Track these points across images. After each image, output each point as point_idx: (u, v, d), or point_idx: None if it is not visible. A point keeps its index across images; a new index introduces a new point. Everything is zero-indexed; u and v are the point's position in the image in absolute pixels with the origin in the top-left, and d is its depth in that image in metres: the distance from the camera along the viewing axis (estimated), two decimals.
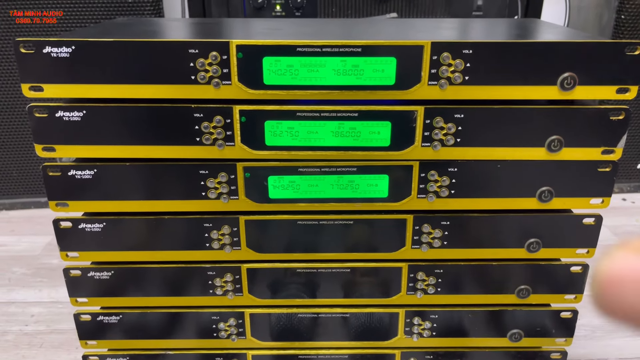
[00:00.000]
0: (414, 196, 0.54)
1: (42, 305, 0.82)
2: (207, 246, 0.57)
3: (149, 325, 0.61)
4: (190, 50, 0.48)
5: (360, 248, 0.57)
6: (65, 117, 0.51)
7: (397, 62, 0.49)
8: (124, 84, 0.49)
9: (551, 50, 0.48)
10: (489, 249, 0.57)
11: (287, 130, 0.52)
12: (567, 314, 0.60)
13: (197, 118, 0.51)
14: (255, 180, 0.54)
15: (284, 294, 0.60)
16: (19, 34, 0.93)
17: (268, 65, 0.49)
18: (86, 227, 0.56)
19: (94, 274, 0.58)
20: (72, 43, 0.48)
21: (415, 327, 0.61)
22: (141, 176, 0.54)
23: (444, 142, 0.52)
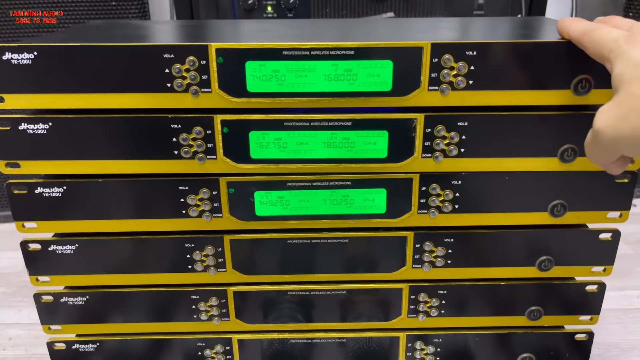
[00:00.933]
0: (415, 212, 0.50)
1: (21, 327, 0.77)
2: (190, 268, 0.52)
3: (129, 353, 0.56)
4: (165, 55, 0.44)
5: (356, 268, 0.53)
6: (29, 130, 0.46)
7: (393, 66, 0.44)
8: (93, 92, 0.45)
9: (564, 51, 0.44)
10: (497, 268, 0.53)
11: (274, 141, 0.47)
12: (582, 336, 0.56)
13: (175, 129, 0.46)
14: (240, 196, 0.49)
15: (275, 318, 0.55)
16: (19, 34, 0.90)
17: (251, 71, 0.44)
18: (57, 249, 0.51)
19: (68, 299, 0.53)
20: (34, 48, 0.43)
21: (417, 352, 0.56)
22: (116, 193, 0.49)
23: (447, 152, 0.47)
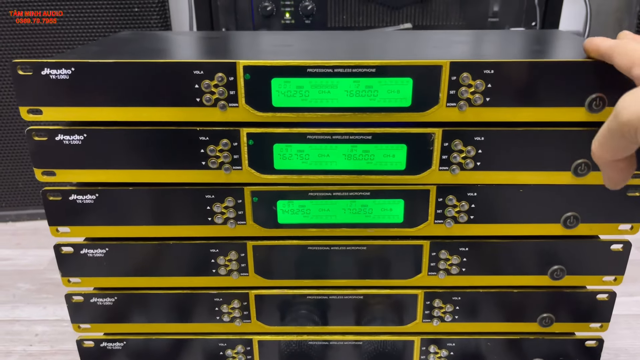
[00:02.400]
0: (431, 222, 0.52)
1: (47, 323, 0.80)
2: (214, 272, 0.54)
3: (154, 352, 0.59)
4: (195, 71, 0.46)
5: (373, 274, 0.55)
6: (65, 141, 0.49)
7: (413, 83, 0.46)
8: (125, 106, 0.47)
9: (579, 70, 0.45)
10: (510, 276, 0.54)
11: (296, 153, 0.49)
12: (592, 343, 0.57)
13: (203, 141, 0.49)
14: (264, 204, 0.51)
15: (294, 320, 0.57)
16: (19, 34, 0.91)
17: (277, 87, 0.46)
18: (88, 253, 0.54)
19: (97, 299, 0.56)
20: (71, 65, 0.46)
21: (431, 356, 0.58)
22: (145, 201, 0.51)
23: (463, 165, 0.49)
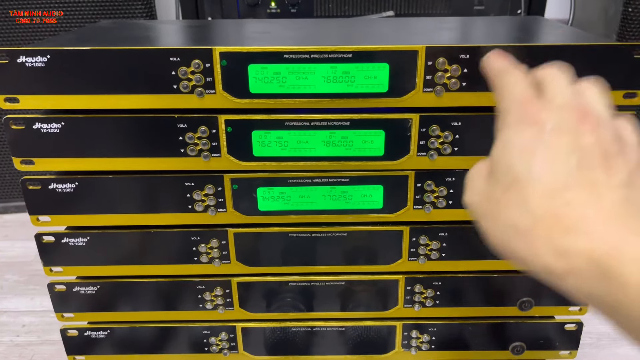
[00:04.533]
0: (410, 207, 0.52)
1: (34, 314, 0.80)
2: (196, 260, 0.55)
3: (138, 340, 0.59)
4: (171, 58, 0.46)
5: (354, 260, 0.55)
6: (43, 129, 0.49)
7: (390, 68, 0.46)
8: (103, 93, 0.47)
9: (553, 54, 0.45)
10: (489, 261, 0.55)
11: (275, 140, 0.49)
12: (572, 326, 0.58)
13: (181, 129, 0.49)
14: (244, 192, 0.51)
15: (277, 307, 0.57)
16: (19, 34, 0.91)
17: (254, 73, 0.47)
18: (69, 242, 0.54)
19: (80, 288, 0.56)
20: (47, 52, 0.46)
21: (413, 341, 0.59)
22: (124, 189, 0.51)
23: (441, 151, 0.49)
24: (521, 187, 0.27)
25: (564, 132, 0.27)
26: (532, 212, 0.26)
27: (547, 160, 0.27)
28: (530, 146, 0.27)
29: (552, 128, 0.27)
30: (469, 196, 0.31)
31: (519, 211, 0.27)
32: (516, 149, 0.28)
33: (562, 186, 0.26)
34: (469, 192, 0.31)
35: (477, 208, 0.30)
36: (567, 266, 0.25)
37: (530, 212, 0.26)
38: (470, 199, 0.31)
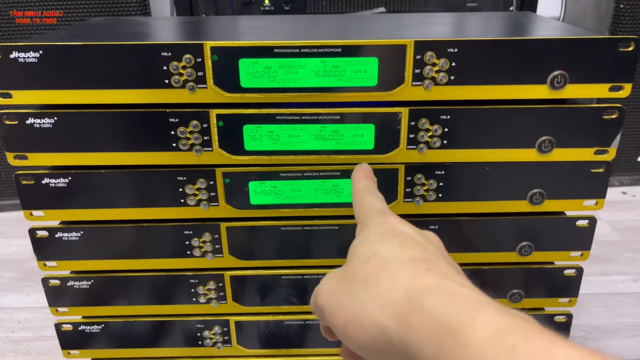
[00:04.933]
0: (401, 200, 0.52)
1: (30, 310, 0.81)
2: (189, 254, 0.55)
3: (132, 334, 0.60)
4: (163, 53, 0.46)
5: (346, 254, 0.55)
6: (36, 124, 0.49)
7: (379, 62, 0.47)
8: (95, 89, 0.48)
9: (540, 48, 0.46)
10: (479, 253, 0.55)
11: (266, 134, 0.50)
12: (562, 318, 0.59)
13: (173, 123, 0.49)
14: (236, 186, 0.52)
15: (270, 301, 0.58)
16: (19, 34, 0.91)
17: (245, 68, 0.47)
18: (63, 236, 0.54)
19: (74, 283, 0.57)
20: (39, 47, 0.46)
21: None
22: (117, 183, 0.52)
23: (430, 144, 0.50)
24: (382, 256, 0.31)
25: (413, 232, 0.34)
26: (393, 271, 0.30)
27: (405, 243, 0.32)
28: (390, 234, 0.33)
29: (404, 229, 0.34)
30: (322, 285, 0.34)
31: (380, 273, 0.30)
32: (377, 234, 0.33)
33: (423, 258, 0.30)
34: (323, 283, 0.34)
35: (329, 289, 0.33)
36: (418, 316, 0.27)
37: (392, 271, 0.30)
38: (323, 285, 0.34)
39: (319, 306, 0.33)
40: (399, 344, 0.27)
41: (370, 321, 0.29)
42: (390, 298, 0.28)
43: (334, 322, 0.32)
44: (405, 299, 0.28)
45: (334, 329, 0.32)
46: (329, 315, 0.32)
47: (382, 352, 0.29)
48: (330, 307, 0.32)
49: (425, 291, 0.28)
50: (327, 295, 0.33)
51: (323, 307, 0.33)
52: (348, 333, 0.30)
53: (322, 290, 0.33)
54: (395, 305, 0.28)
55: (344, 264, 0.34)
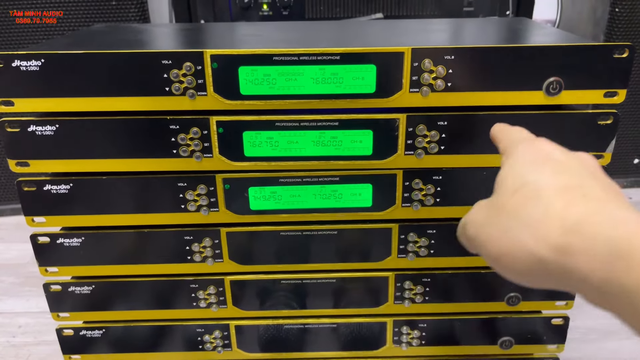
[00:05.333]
0: (399, 205, 0.53)
1: (30, 315, 0.81)
2: (189, 259, 0.56)
3: (133, 339, 0.60)
4: (163, 61, 0.47)
5: (345, 258, 0.56)
6: (37, 132, 0.49)
7: (377, 70, 0.47)
8: (96, 96, 0.48)
9: (536, 55, 0.47)
10: (477, 257, 0.56)
11: (266, 140, 0.50)
12: (559, 321, 0.59)
13: (173, 130, 0.50)
14: (236, 191, 0.52)
15: (269, 305, 0.58)
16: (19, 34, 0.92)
17: (244, 75, 0.48)
18: (64, 242, 0.55)
19: (75, 288, 0.57)
20: (41, 56, 0.47)
21: (404, 336, 0.60)
22: (118, 190, 0.52)
23: (428, 149, 0.50)
24: (532, 186, 0.30)
25: (564, 157, 0.33)
26: (544, 201, 0.29)
27: (557, 170, 0.31)
28: (539, 161, 0.32)
29: (555, 154, 0.33)
30: (469, 216, 0.34)
31: (530, 203, 0.30)
32: (525, 163, 0.32)
33: (576, 184, 0.30)
34: (470, 214, 0.34)
35: (477, 222, 0.33)
36: (581, 244, 0.27)
37: (543, 201, 0.29)
38: (470, 216, 0.34)
39: (468, 237, 0.34)
40: (558, 272, 0.27)
41: (524, 253, 0.29)
42: (545, 229, 0.28)
43: (485, 254, 0.32)
44: (562, 229, 0.27)
45: (486, 258, 0.32)
46: (479, 246, 0.32)
47: (537, 278, 0.29)
48: (480, 239, 0.32)
49: (585, 218, 0.27)
50: (475, 227, 0.33)
51: (472, 238, 0.33)
52: (501, 263, 0.30)
53: (470, 222, 0.34)
54: (551, 236, 0.28)
55: (493, 194, 0.33)
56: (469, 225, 0.34)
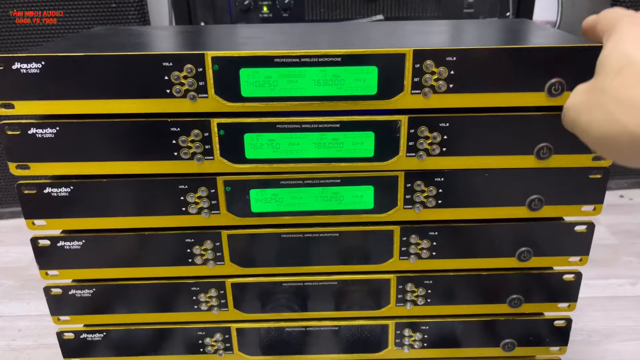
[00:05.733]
0: (400, 207, 0.53)
1: (30, 318, 0.81)
2: (190, 262, 0.55)
3: (134, 342, 0.60)
4: (164, 63, 0.47)
5: (346, 260, 0.56)
6: (38, 134, 0.49)
7: (378, 71, 0.47)
8: (96, 99, 0.48)
9: (538, 56, 0.46)
10: (479, 259, 0.56)
11: (267, 142, 0.50)
12: (561, 323, 0.59)
13: (174, 132, 0.49)
14: (237, 194, 0.52)
15: (271, 308, 0.58)
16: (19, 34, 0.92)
17: (245, 77, 0.47)
18: (65, 245, 0.54)
19: (75, 292, 0.57)
20: (41, 58, 0.46)
21: (406, 339, 0.60)
22: (119, 192, 0.52)
23: (430, 151, 0.50)
24: (638, 68, 0.29)
25: None
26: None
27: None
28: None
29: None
30: (570, 100, 0.34)
31: (636, 84, 0.28)
32: (630, 40, 0.31)
33: None
34: (571, 98, 0.34)
35: (578, 105, 0.33)
36: None
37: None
38: (571, 100, 0.34)
39: (569, 122, 0.33)
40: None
41: (627, 136, 0.28)
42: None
43: (587, 138, 0.31)
44: None
45: (587, 142, 0.31)
46: (581, 131, 0.32)
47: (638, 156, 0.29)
48: (581, 124, 0.31)
49: None
50: (576, 111, 0.32)
51: (573, 122, 0.32)
52: (603, 146, 0.30)
53: (571, 106, 0.33)
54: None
55: (594, 76, 0.32)
56: (570, 110, 0.33)
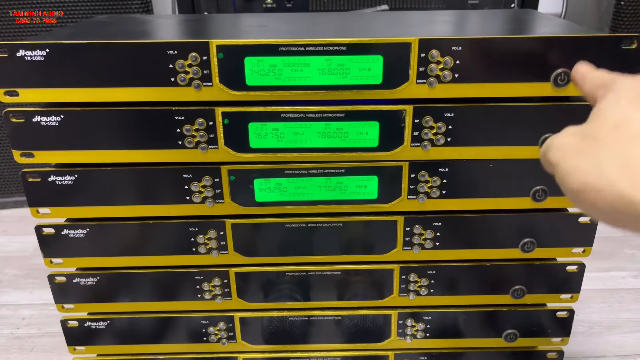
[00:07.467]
0: (404, 197, 0.53)
1: (34, 307, 0.81)
2: (194, 251, 0.55)
3: (138, 330, 0.60)
4: (169, 51, 0.47)
5: (350, 250, 0.56)
6: (42, 122, 0.49)
7: (383, 61, 0.47)
8: (101, 87, 0.48)
9: (544, 46, 0.46)
10: (482, 250, 0.56)
11: (272, 131, 0.50)
12: (563, 314, 0.59)
13: (179, 121, 0.49)
14: (241, 183, 0.52)
15: (274, 297, 0.58)
16: (19, 33, 0.92)
17: (250, 66, 0.47)
18: (69, 233, 0.54)
19: (80, 280, 0.57)
20: (46, 46, 0.46)
21: (408, 329, 0.60)
22: (123, 181, 0.52)
23: (434, 141, 0.50)
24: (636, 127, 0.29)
25: None
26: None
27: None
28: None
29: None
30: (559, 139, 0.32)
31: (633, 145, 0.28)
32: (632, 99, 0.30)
33: None
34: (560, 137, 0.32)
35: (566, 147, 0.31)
36: None
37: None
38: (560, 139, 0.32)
39: (551, 161, 0.32)
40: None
41: (613, 193, 0.28)
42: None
43: (567, 183, 0.30)
44: None
45: (565, 188, 0.31)
46: (562, 174, 0.31)
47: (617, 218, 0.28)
48: (564, 167, 0.31)
49: None
50: (561, 152, 0.31)
51: (555, 164, 0.31)
52: (582, 197, 0.29)
53: (556, 146, 0.32)
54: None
55: (585, 123, 0.31)
56: (554, 150, 0.32)
